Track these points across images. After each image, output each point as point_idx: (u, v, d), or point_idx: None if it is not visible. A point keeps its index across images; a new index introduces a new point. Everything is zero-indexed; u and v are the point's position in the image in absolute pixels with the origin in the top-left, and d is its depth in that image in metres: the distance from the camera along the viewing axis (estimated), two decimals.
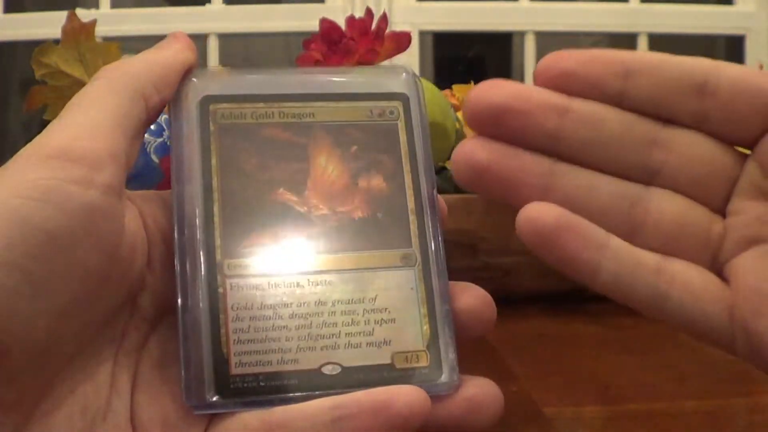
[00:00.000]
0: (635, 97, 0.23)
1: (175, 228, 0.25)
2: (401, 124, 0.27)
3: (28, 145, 0.23)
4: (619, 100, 0.23)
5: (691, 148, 0.23)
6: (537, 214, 0.22)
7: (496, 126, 0.23)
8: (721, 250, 0.23)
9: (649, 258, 0.23)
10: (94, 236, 0.22)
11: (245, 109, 0.26)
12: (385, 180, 0.26)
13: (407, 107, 0.27)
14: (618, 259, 0.22)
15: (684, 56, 0.24)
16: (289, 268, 0.25)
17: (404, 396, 0.23)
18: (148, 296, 0.25)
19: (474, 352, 0.26)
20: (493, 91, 0.23)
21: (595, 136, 0.23)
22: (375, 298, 0.25)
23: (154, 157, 0.46)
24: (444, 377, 0.24)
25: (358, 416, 0.22)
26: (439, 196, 0.27)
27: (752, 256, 0.22)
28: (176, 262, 0.24)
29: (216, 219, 0.25)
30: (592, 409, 0.34)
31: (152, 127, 0.45)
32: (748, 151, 0.23)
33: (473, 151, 0.23)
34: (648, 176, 0.23)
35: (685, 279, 0.22)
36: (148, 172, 0.45)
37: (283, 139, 0.26)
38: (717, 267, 0.23)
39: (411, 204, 0.26)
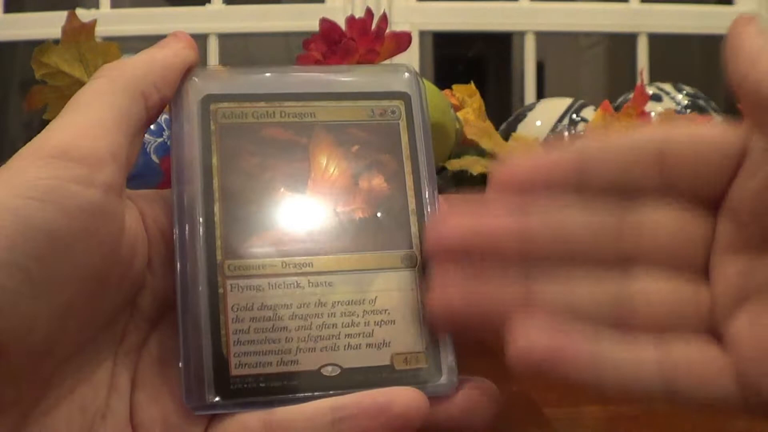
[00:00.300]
0: (595, 186, 0.23)
1: (176, 228, 0.25)
2: (403, 124, 0.27)
3: (29, 145, 0.23)
4: (579, 191, 0.23)
5: (660, 221, 0.23)
6: (526, 345, 0.22)
7: (462, 257, 0.23)
8: (714, 315, 0.23)
9: (648, 354, 0.22)
10: (94, 236, 0.22)
11: (246, 109, 0.26)
12: (386, 180, 0.26)
13: (409, 107, 0.27)
14: (618, 369, 0.22)
15: (634, 129, 0.23)
16: (289, 268, 0.25)
17: (403, 398, 0.23)
18: (148, 296, 0.25)
19: (474, 351, 0.26)
20: (452, 229, 0.23)
21: (562, 245, 0.23)
22: (375, 300, 0.25)
23: (154, 157, 0.46)
24: (443, 379, 0.24)
25: (358, 417, 0.22)
26: (440, 196, 0.27)
27: (746, 316, 0.22)
28: (176, 262, 0.24)
29: (216, 219, 0.25)
30: (592, 409, 0.34)
31: (152, 126, 0.45)
32: None
33: (449, 300, 0.23)
34: (624, 261, 0.23)
35: (688, 362, 0.22)
36: (147, 172, 0.45)
37: (284, 138, 0.26)
38: (713, 332, 0.23)
39: (412, 204, 0.26)
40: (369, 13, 0.46)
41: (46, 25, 0.99)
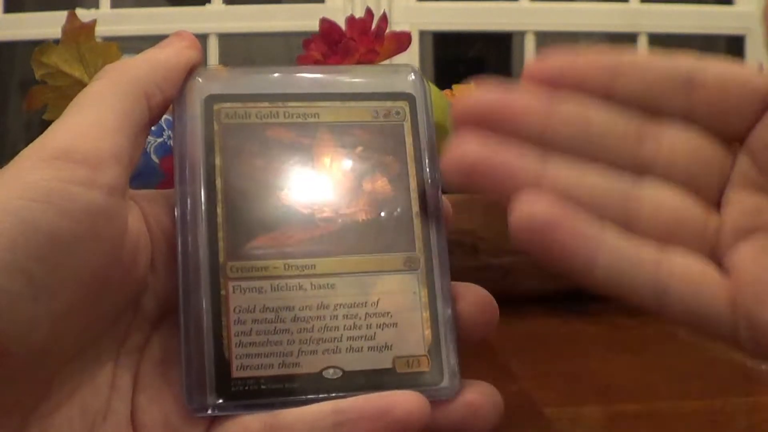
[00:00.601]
0: (622, 96, 0.23)
1: (178, 229, 0.25)
2: (407, 125, 0.27)
3: (30, 146, 0.22)
4: (606, 98, 0.23)
5: (680, 142, 0.23)
6: (528, 209, 0.22)
7: (485, 128, 0.23)
8: (719, 241, 0.23)
9: (647, 252, 0.22)
10: (97, 237, 0.22)
11: (250, 109, 0.26)
12: (390, 182, 0.26)
13: (413, 108, 0.27)
14: (614, 254, 0.22)
15: (670, 55, 0.23)
16: (292, 270, 0.25)
17: (404, 401, 0.23)
18: (150, 297, 0.25)
19: (474, 352, 0.26)
20: (479, 98, 0.23)
21: (582, 138, 0.23)
22: (377, 302, 0.25)
23: (154, 157, 0.46)
24: (445, 382, 0.24)
25: (358, 421, 0.22)
26: (443, 197, 0.27)
27: (750, 246, 0.22)
28: (179, 263, 0.24)
29: (219, 220, 0.25)
30: (592, 409, 0.34)
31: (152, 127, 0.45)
32: None
33: (464, 155, 0.22)
34: (639, 170, 0.23)
35: (685, 271, 0.22)
36: (148, 172, 0.45)
37: (288, 139, 0.26)
38: (715, 258, 0.23)
39: (415, 207, 0.26)
40: (369, 13, 0.46)
41: (46, 25, 1.00)
